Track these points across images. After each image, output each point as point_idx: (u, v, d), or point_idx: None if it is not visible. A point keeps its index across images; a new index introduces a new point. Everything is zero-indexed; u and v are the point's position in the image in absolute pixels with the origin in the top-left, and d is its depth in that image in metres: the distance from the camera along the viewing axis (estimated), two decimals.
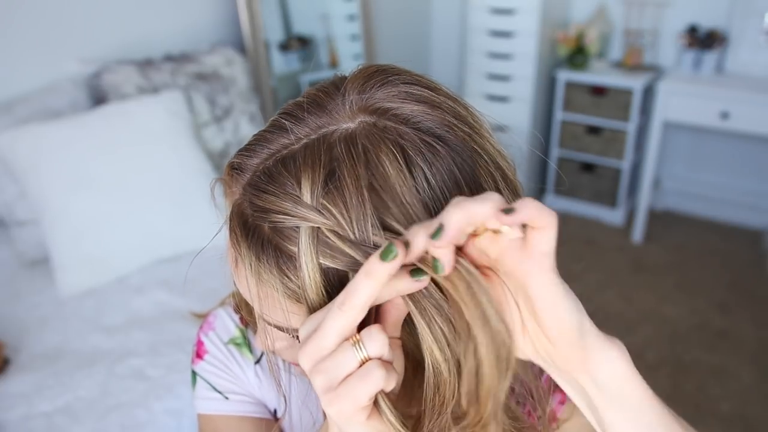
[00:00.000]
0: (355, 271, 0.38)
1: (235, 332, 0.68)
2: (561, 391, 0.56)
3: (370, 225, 0.39)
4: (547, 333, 0.38)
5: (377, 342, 0.37)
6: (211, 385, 0.66)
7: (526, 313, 0.39)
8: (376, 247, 0.38)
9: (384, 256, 0.35)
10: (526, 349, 0.40)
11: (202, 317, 0.71)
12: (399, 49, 3.12)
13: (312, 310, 0.41)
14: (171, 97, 1.85)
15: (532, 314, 0.38)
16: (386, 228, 0.39)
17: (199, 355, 0.68)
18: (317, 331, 0.37)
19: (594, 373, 0.38)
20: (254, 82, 2.27)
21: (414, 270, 0.37)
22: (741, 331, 2.38)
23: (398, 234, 0.39)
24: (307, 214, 0.39)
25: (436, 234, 0.34)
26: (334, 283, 0.41)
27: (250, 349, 0.67)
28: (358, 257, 0.39)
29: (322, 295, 0.41)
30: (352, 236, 0.39)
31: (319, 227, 0.39)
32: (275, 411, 0.68)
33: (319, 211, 0.39)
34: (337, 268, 0.40)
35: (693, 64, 2.76)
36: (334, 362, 0.37)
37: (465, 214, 0.34)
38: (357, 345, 0.37)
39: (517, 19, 2.87)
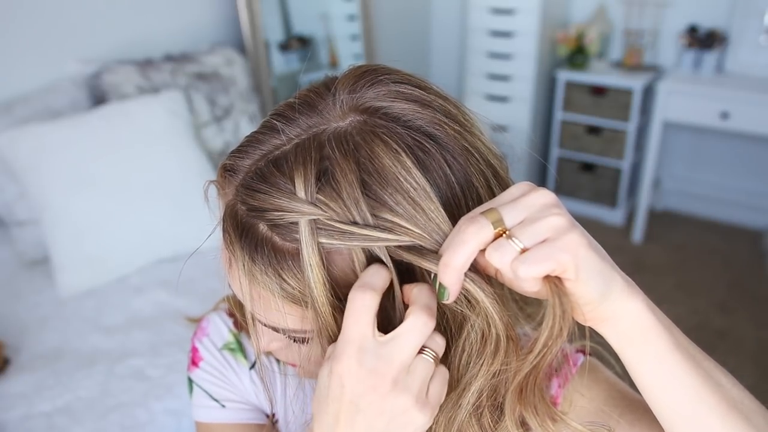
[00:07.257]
0: (359, 248, 0.40)
1: (229, 337, 0.67)
2: (558, 375, 0.56)
3: (368, 212, 0.40)
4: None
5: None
6: (207, 393, 0.66)
7: None
8: (376, 227, 0.40)
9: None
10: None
11: (197, 322, 0.70)
12: (399, 49, 3.12)
13: (315, 307, 0.41)
14: (171, 97, 1.84)
15: None
16: (384, 215, 0.40)
17: (194, 362, 0.67)
18: (396, 340, 0.40)
19: (613, 326, 0.39)
20: (254, 82, 2.27)
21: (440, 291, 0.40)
22: (741, 331, 2.37)
23: (395, 220, 0.40)
24: (303, 208, 0.40)
25: (440, 295, 0.39)
26: (337, 279, 0.41)
27: (245, 355, 0.67)
28: (360, 235, 0.40)
29: (326, 289, 0.41)
30: (350, 221, 0.40)
31: (317, 218, 0.40)
32: (274, 414, 0.68)
33: (315, 205, 0.40)
34: (340, 254, 0.41)
35: (693, 64, 2.76)
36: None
37: (456, 270, 0.38)
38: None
39: (517, 19, 2.86)
